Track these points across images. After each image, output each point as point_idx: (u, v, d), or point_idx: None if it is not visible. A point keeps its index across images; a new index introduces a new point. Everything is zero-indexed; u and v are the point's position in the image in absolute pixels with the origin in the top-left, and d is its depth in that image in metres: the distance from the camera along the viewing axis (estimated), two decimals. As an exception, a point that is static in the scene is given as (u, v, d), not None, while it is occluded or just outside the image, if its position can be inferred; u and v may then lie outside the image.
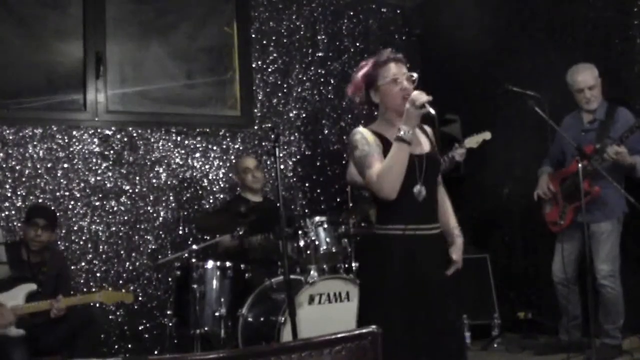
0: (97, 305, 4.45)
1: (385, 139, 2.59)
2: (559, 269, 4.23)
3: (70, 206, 4.76)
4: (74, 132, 4.84)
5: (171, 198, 5.10)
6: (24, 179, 4.65)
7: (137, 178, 5.01)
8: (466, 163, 5.43)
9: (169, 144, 5.14)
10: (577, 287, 4.24)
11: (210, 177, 5.27)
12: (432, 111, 2.45)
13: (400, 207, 2.56)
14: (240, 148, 5.39)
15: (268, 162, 5.46)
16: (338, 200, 5.67)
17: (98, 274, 4.78)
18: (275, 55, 5.63)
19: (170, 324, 4.15)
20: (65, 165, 4.78)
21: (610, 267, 4.00)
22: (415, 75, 2.63)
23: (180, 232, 5.09)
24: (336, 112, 5.85)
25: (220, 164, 5.31)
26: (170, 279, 4.89)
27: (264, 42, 5.60)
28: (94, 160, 4.88)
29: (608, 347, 4.02)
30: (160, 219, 5.04)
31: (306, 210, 5.57)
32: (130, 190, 4.97)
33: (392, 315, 2.50)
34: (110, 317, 4.74)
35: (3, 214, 4.56)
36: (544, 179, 4.33)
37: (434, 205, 2.66)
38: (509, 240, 5.29)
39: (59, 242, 4.62)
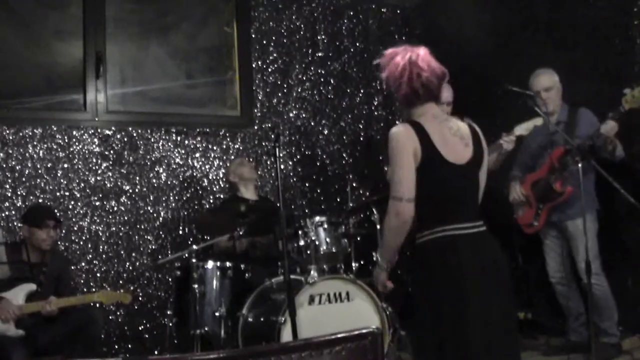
0: (97, 305, 4.45)
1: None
2: (553, 269, 4.30)
3: (70, 206, 4.76)
4: (74, 132, 4.84)
5: (171, 198, 5.10)
6: (24, 179, 4.65)
7: (137, 178, 5.01)
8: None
9: (169, 144, 5.14)
10: (576, 284, 4.25)
11: (210, 177, 5.27)
12: None
13: None
14: (240, 148, 5.39)
15: (268, 162, 5.46)
16: (338, 200, 5.67)
17: (98, 274, 4.79)
18: (275, 55, 5.63)
19: (170, 324, 4.15)
20: (65, 165, 4.78)
21: (593, 264, 4.02)
22: None
23: (180, 232, 5.09)
24: (336, 112, 5.85)
25: (220, 164, 5.30)
26: (170, 279, 4.89)
27: (264, 42, 5.60)
28: (94, 160, 4.88)
29: (607, 346, 4.02)
30: (160, 219, 5.04)
31: (306, 210, 5.57)
32: (130, 190, 4.97)
33: None
34: (110, 317, 4.74)
35: (3, 214, 4.56)
36: (516, 184, 4.39)
37: None
38: (509, 241, 5.28)
39: (59, 242, 4.62)
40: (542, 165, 4.23)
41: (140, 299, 4.87)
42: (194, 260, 4.11)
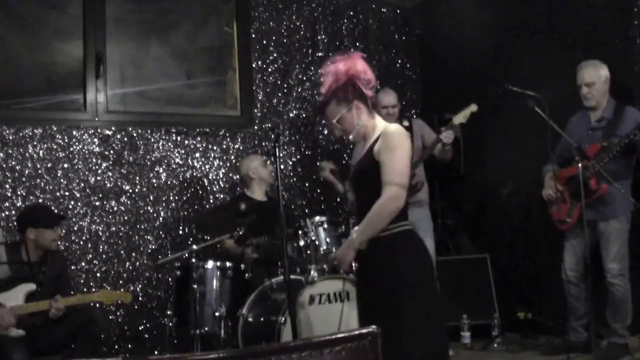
0: (97, 305, 4.45)
1: None
2: (569, 267, 4.20)
3: (70, 206, 4.76)
4: (74, 132, 4.84)
5: (171, 198, 5.10)
6: (24, 179, 4.65)
7: (137, 178, 5.00)
8: (466, 163, 5.42)
9: (169, 144, 5.14)
10: (586, 285, 4.23)
11: (210, 177, 5.27)
12: None
13: None
14: (240, 148, 5.39)
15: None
16: (338, 200, 5.67)
17: (98, 274, 4.78)
18: (275, 55, 5.63)
19: (170, 324, 4.14)
20: (65, 165, 4.78)
21: (620, 265, 3.99)
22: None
23: (180, 232, 5.09)
24: (336, 112, 5.84)
25: (220, 164, 5.30)
26: (170, 279, 4.89)
27: (264, 42, 5.60)
28: (94, 160, 4.88)
29: (616, 346, 4.01)
30: (160, 219, 5.04)
31: (306, 210, 5.56)
32: (130, 190, 4.97)
33: None
34: (110, 317, 4.74)
35: (3, 214, 4.56)
36: (550, 178, 4.30)
37: (360, 210, 2.78)
38: (509, 240, 5.29)
39: (58, 242, 4.62)
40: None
41: (140, 299, 4.87)
42: (194, 260, 4.11)
